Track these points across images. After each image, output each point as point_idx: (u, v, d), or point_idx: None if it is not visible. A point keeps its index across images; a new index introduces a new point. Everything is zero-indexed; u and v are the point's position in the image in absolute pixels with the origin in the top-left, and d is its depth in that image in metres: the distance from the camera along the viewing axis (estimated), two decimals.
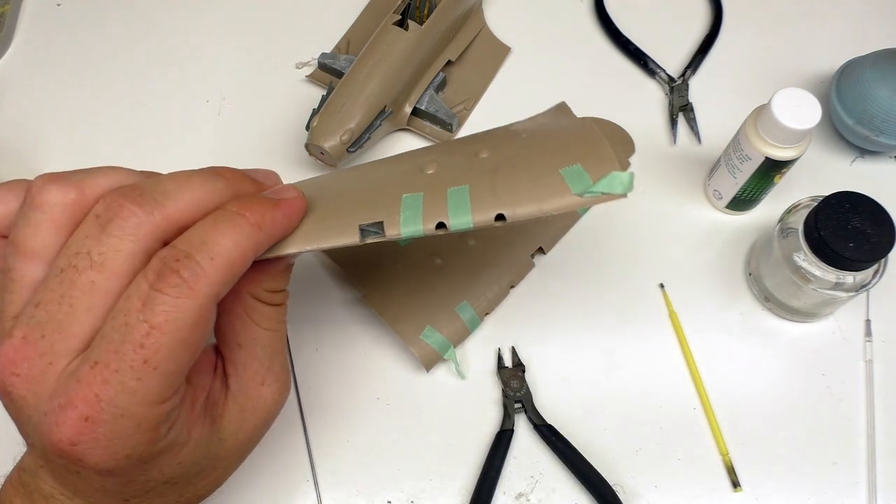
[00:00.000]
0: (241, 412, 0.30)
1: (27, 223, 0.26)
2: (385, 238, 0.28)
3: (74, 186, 0.26)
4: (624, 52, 0.58)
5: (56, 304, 0.24)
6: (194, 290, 0.24)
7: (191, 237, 0.25)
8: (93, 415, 0.23)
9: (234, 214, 0.26)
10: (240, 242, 0.25)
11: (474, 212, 0.28)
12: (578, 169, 0.28)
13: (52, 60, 0.57)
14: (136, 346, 0.23)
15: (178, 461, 0.27)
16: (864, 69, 0.50)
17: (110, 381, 0.23)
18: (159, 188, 0.26)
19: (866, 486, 0.44)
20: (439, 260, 0.47)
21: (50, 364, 0.24)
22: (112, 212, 0.25)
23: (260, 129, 0.54)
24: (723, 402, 0.45)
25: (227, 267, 0.25)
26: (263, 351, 0.30)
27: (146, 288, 0.24)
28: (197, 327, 0.24)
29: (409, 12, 0.53)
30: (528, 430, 0.45)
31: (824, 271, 0.42)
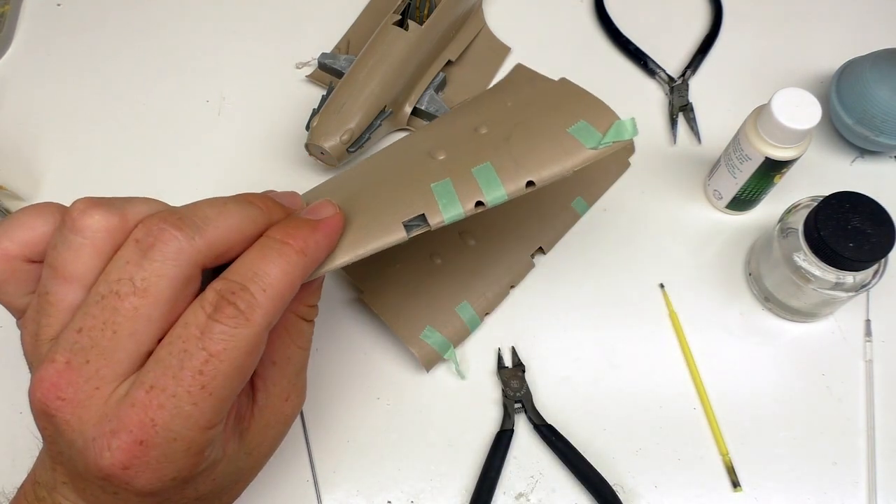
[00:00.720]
0: (265, 426, 0.30)
1: (68, 247, 0.26)
2: (430, 228, 0.30)
3: (117, 212, 0.26)
4: (624, 52, 0.58)
5: (99, 330, 0.25)
6: (250, 320, 0.25)
7: (242, 269, 0.26)
8: (147, 439, 0.24)
9: (279, 243, 0.27)
10: (288, 272, 0.26)
11: (505, 184, 0.30)
12: (584, 125, 0.31)
13: (52, 60, 0.57)
14: (196, 373, 0.24)
15: (212, 478, 0.28)
16: (864, 69, 0.50)
17: (166, 405, 0.24)
18: (199, 213, 0.26)
19: (866, 486, 0.44)
20: (439, 260, 0.47)
21: (97, 389, 0.25)
22: (153, 237, 0.25)
23: (260, 129, 0.54)
24: (723, 402, 0.45)
25: (279, 297, 0.26)
26: (293, 369, 0.31)
27: (204, 318, 0.24)
28: (251, 354, 0.25)
29: (409, 12, 0.53)
30: (528, 430, 0.45)
31: (824, 271, 0.42)
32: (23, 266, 0.27)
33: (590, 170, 0.52)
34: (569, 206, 0.51)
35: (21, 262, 0.27)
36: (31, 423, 0.26)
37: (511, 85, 0.35)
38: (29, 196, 0.51)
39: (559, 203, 0.50)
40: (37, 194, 0.51)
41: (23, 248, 0.27)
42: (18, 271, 0.27)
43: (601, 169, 0.52)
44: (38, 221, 0.27)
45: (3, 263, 0.27)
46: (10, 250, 0.27)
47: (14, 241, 0.27)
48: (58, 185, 0.52)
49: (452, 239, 0.48)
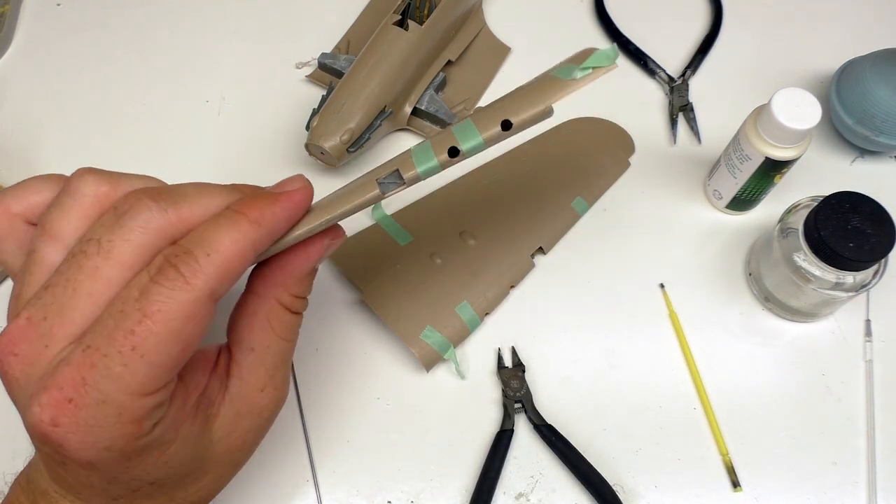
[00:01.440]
0: (236, 415, 0.30)
1: (59, 207, 0.27)
2: (404, 184, 0.29)
3: (108, 181, 0.27)
4: (624, 52, 0.58)
5: (62, 287, 0.25)
6: (190, 284, 0.24)
7: (192, 235, 0.26)
8: (76, 397, 0.23)
9: (233, 212, 0.26)
10: (237, 239, 0.26)
11: (481, 131, 0.28)
12: (565, 64, 0.30)
13: (52, 60, 0.57)
14: (127, 332, 0.23)
15: (163, 460, 0.27)
16: (864, 69, 0.50)
17: (97, 364, 0.23)
18: (179, 191, 0.27)
19: (866, 486, 0.44)
20: (439, 260, 0.47)
21: (45, 347, 0.25)
22: (128, 204, 0.25)
23: (260, 129, 0.54)
24: (723, 402, 0.45)
25: (223, 263, 0.25)
26: (272, 359, 0.30)
27: (146, 280, 0.24)
28: (190, 321, 0.25)
29: (409, 12, 0.53)
30: (528, 430, 0.45)
31: (824, 271, 0.42)
32: (22, 226, 0.28)
33: (590, 170, 0.52)
34: (569, 206, 0.51)
35: (21, 222, 0.28)
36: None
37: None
38: None
39: (559, 203, 0.51)
40: None
41: (26, 208, 0.28)
42: (17, 230, 0.28)
43: (601, 169, 0.52)
44: (44, 186, 0.28)
45: (5, 220, 0.28)
46: (12, 208, 0.28)
47: (19, 200, 0.28)
48: None
49: (452, 239, 0.48)
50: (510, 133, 0.29)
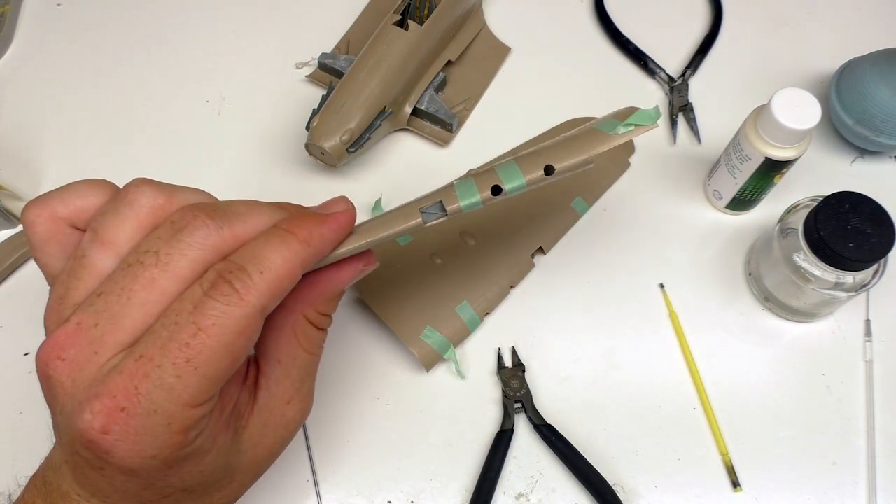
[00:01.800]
0: (263, 427, 0.30)
1: (115, 214, 0.27)
2: (447, 215, 0.30)
3: (165, 193, 0.28)
4: (624, 52, 0.58)
5: (116, 295, 0.25)
6: (244, 299, 0.25)
7: (244, 253, 0.26)
8: (128, 406, 0.24)
9: (283, 231, 0.27)
10: (288, 258, 0.27)
11: (524, 172, 0.30)
12: (609, 119, 0.32)
13: (52, 60, 0.57)
14: (182, 345, 0.24)
15: (199, 469, 0.27)
16: (864, 69, 0.50)
17: (151, 375, 0.24)
18: (232, 208, 0.27)
19: (866, 486, 0.44)
20: (439, 260, 0.47)
21: (95, 353, 0.25)
22: (186, 220, 0.26)
23: (260, 129, 0.54)
24: (723, 402, 0.45)
25: (275, 281, 0.26)
26: (298, 372, 0.31)
27: (200, 294, 0.25)
28: (242, 335, 0.25)
29: (409, 12, 0.53)
30: (528, 430, 0.45)
31: (824, 271, 0.42)
32: (67, 230, 0.28)
33: (590, 170, 0.52)
34: (569, 206, 0.51)
35: (66, 226, 0.28)
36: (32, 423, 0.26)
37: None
38: (29, 196, 0.51)
39: (559, 203, 0.51)
40: (37, 194, 0.51)
41: (71, 212, 0.28)
42: (62, 234, 0.28)
43: (601, 169, 0.52)
44: (91, 192, 0.29)
45: (51, 223, 0.28)
46: (59, 212, 0.28)
47: (65, 204, 0.28)
48: (58, 185, 0.51)
49: (452, 239, 0.48)
50: (552, 178, 0.30)
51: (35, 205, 0.28)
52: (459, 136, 0.54)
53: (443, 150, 0.54)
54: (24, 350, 0.46)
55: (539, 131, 0.54)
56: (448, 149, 0.54)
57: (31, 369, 0.45)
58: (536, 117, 0.54)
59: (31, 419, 0.26)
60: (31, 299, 0.48)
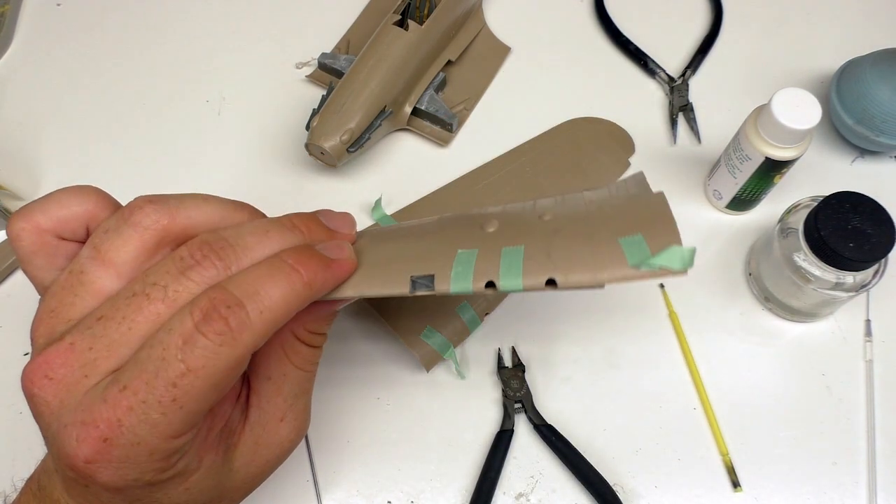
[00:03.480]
0: (255, 444, 0.30)
1: (118, 235, 0.27)
2: (434, 292, 0.28)
3: (168, 213, 0.27)
4: (624, 52, 0.58)
5: (116, 322, 0.25)
6: (237, 340, 0.24)
7: (245, 283, 0.25)
8: (111, 437, 0.24)
9: (290, 268, 0.26)
10: (289, 299, 0.26)
11: (525, 274, 0.27)
12: (639, 239, 0.27)
13: (52, 60, 0.57)
14: (169, 385, 0.23)
15: (184, 487, 0.27)
16: (864, 69, 0.50)
17: (135, 409, 0.23)
18: (240, 241, 0.27)
19: (866, 486, 0.44)
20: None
21: (85, 377, 0.24)
22: (195, 259, 0.26)
23: (260, 129, 0.54)
24: (723, 402, 0.45)
25: (273, 321, 0.25)
26: (290, 388, 0.30)
27: (190, 326, 0.24)
28: (232, 373, 0.25)
29: (409, 12, 0.53)
30: (528, 430, 0.45)
31: (824, 271, 0.42)
32: (53, 241, 0.28)
33: (590, 170, 0.52)
34: None
35: (52, 238, 0.28)
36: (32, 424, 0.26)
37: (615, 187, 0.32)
38: (29, 196, 0.51)
39: None
40: (37, 194, 0.51)
41: (55, 224, 0.28)
42: (48, 245, 0.28)
43: (601, 169, 0.52)
44: (74, 201, 0.28)
45: (35, 236, 0.27)
46: (42, 224, 0.27)
47: (48, 216, 0.28)
48: (58, 185, 0.51)
49: None
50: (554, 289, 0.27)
51: (18, 217, 0.28)
52: (459, 136, 0.54)
53: (443, 150, 0.54)
54: (24, 350, 0.46)
55: (539, 131, 0.54)
56: (448, 149, 0.54)
57: None
58: (536, 117, 0.54)
59: (31, 420, 0.26)
60: (32, 299, 0.48)
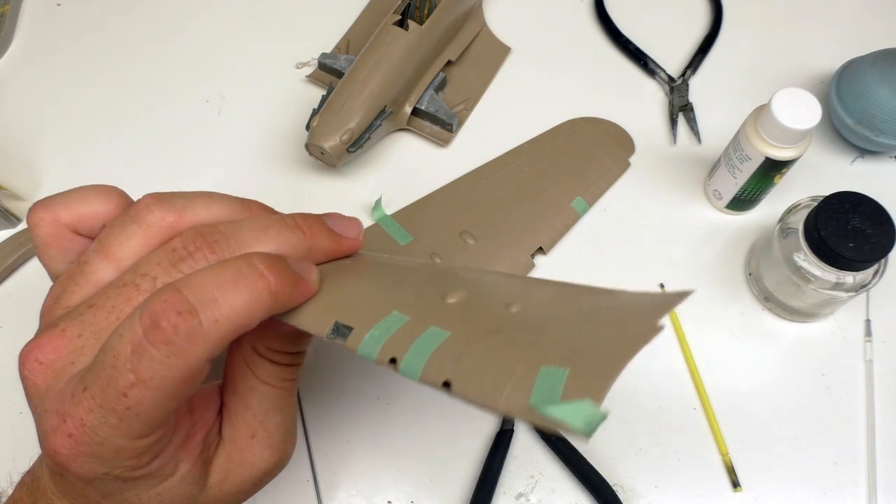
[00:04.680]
0: (227, 462, 0.29)
1: (122, 230, 0.27)
2: (346, 345, 0.25)
3: (175, 211, 0.27)
4: (624, 52, 0.58)
5: (105, 311, 0.25)
6: (188, 351, 0.22)
7: (203, 286, 0.23)
8: (76, 434, 0.23)
9: (258, 275, 0.24)
10: (251, 309, 0.24)
11: (428, 364, 0.24)
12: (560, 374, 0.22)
13: (52, 60, 0.57)
14: (120, 395, 0.23)
15: (156, 491, 0.26)
16: (864, 69, 0.50)
17: (94, 411, 0.23)
18: (236, 235, 0.26)
19: (866, 486, 0.44)
20: (439, 260, 0.47)
21: (72, 364, 0.25)
22: (188, 251, 0.26)
23: (260, 129, 0.54)
24: (723, 402, 0.45)
25: (229, 331, 0.23)
26: (260, 404, 0.29)
27: (139, 333, 0.22)
28: (186, 383, 0.23)
29: (409, 12, 0.53)
30: (528, 430, 0.45)
31: (824, 271, 0.42)
32: (69, 235, 0.28)
33: (590, 170, 0.52)
34: (569, 206, 0.51)
35: (68, 232, 0.28)
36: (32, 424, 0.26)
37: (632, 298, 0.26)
38: (29, 196, 0.51)
39: (559, 203, 0.51)
40: (37, 194, 0.51)
41: (74, 219, 0.28)
42: (64, 238, 0.28)
43: (601, 169, 0.52)
44: (96, 199, 0.29)
45: (53, 228, 0.28)
46: (61, 217, 0.28)
47: (69, 210, 0.28)
48: (58, 185, 0.52)
49: (452, 239, 0.48)
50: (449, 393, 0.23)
51: (40, 207, 0.28)
52: (459, 136, 0.54)
53: (443, 150, 0.54)
54: None
55: (539, 131, 0.54)
56: (448, 149, 0.54)
57: None
58: (536, 117, 0.54)
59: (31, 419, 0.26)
60: (31, 299, 0.48)
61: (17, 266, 0.49)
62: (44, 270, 0.30)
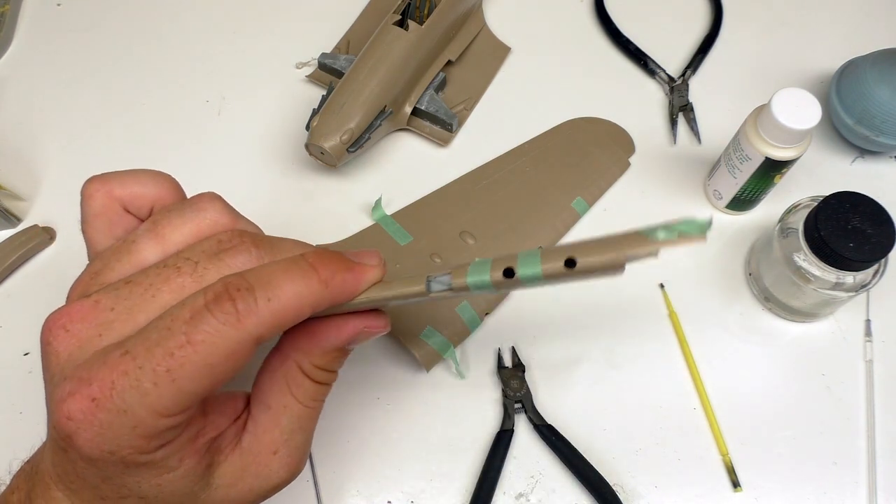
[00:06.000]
0: (241, 470, 0.29)
1: (179, 215, 0.28)
2: (450, 289, 0.27)
3: (231, 215, 0.29)
4: (624, 52, 0.58)
5: (142, 288, 0.25)
6: (241, 322, 0.24)
7: (259, 272, 0.25)
8: (101, 398, 0.24)
9: (307, 265, 0.26)
10: (301, 293, 0.26)
11: (543, 262, 0.26)
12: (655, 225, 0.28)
13: (52, 60, 0.57)
14: (167, 354, 0.23)
15: (157, 482, 0.27)
16: (864, 69, 0.50)
17: (129, 374, 0.23)
18: (279, 245, 0.28)
19: (866, 486, 0.44)
20: (439, 260, 0.47)
21: (99, 336, 0.25)
22: (233, 242, 0.27)
23: (260, 129, 0.54)
24: (723, 402, 0.45)
25: (280, 312, 0.25)
26: (289, 422, 0.29)
27: (201, 304, 0.24)
28: (229, 359, 0.24)
29: (409, 12, 0.53)
30: (528, 430, 0.45)
31: (824, 271, 0.42)
32: (119, 210, 0.29)
33: (590, 170, 0.52)
34: (569, 206, 0.51)
35: (118, 206, 0.29)
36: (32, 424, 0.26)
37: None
38: (29, 196, 0.51)
39: (559, 203, 0.51)
40: (37, 194, 0.51)
41: (127, 195, 0.29)
42: (113, 212, 0.29)
43: (601, 169, 0.52)
44: (151, 181, 0.29)
45: (106, 199, 0.29)
46: (115, 191, 0.29)
47: (123, 186, 0.29)
48: (58, 185, 0.52)
49: (452, 239, 0.48)
50: (574, 273, 0.26)
51: (95, 179, 0.29)
52: (459, 136, 0.54)
53: (443, 150, 0.54)
54: (24, 350, 0.46)
55: (539, 131, 0.54)
56: (448, 149, 0.54)
57: (31, 369, 0.45)
58: (536, 117, 0.54)
59: (31, 419, 0.26)
60: (31, 299, 0.48)
61: (17, 266, 0.49)
62: (44, 270, 0.30)
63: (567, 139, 0.54)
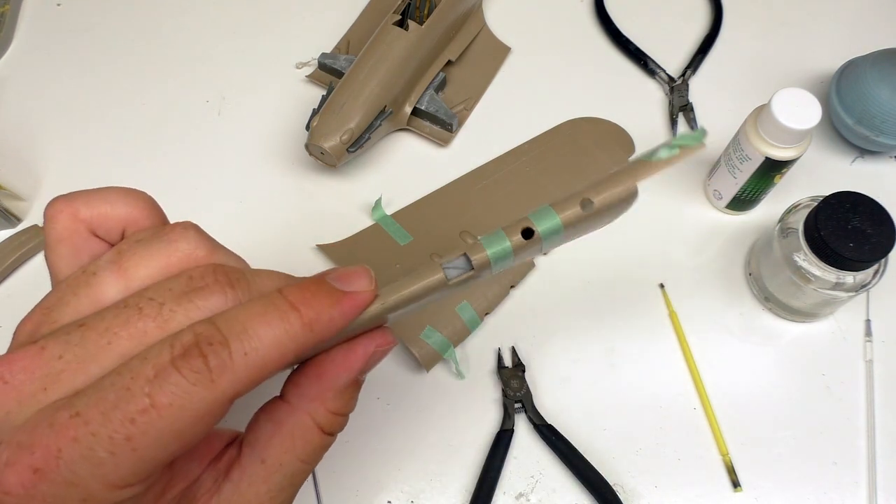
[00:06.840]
0: None
1: (146, 246, 0.24)
2: (472, 270, 0.26)
3: (207, 247, 0.25)
4: (624, 52, 0.58)
5: (97, 333, 0.22)
6: (215, 383, 0.21)
7: (233, 319, 0.22)
8: (43, 469, 0.20)
9: (287, 306, 0.23)
10: (282, 342, 0.22)
11: (558, 212, 0.25)
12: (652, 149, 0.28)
13: (52, 60, 0.57)
14: (126, 420, 0.20)
15: None
16: (864, 69, 0.50)
17: (81, 441, 0.20)
18: (258, 281, 0.24)
19: (866, 486, 0.44)
20: (439, 259, 0.47)
21: (43, 390, 0.21)
22: (205, 281, 0.23)
23: (260, 129, 0.54)
24: (723, 402, 0.45)
25: (258, 366, 0.22)
26: (281, 479, 0.26)
27: (167, 359, 0.21)
28: (199, 422, 0.21)
29: (409, 12, 0.53)
30: (528, 430, 0.45)
31: (824, 271, 0.42)
32: (84, 234, 0.25)
33: (590, 170, 0.52)
34: None
35: (84, 230, 0.25)
36: None
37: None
38: (29, 196, 0.51)
39: None
40: (37, 194, 0.51)
41: (94, 216, 0.25)
42: (78, 237, 0.25)
43: (601, 169, 0.52)
44: (121, 200, 0.26)
45: (69, 222, 0.25)
46: (80, 213, 0.25)
47: (89, 206, 0.25)
48: (58, 185, 0.52)
49: (452, 239, 0.48)
50: (593, 215, 0.26)
51: (59, 200, 0.25)
52: (459, 136, 0.54)
53: (443, 150, 0.54)
54: None
55: (539, 131, 0.54)
56: (448, 149, 0.54)
57: None
58: (536, 117, 0.54)
59: None
60: (32, 299, 0.48)
61: (17, 266, 0.49)
62: (44, 269, 0.28)
63: (567, 139, 0.54)
